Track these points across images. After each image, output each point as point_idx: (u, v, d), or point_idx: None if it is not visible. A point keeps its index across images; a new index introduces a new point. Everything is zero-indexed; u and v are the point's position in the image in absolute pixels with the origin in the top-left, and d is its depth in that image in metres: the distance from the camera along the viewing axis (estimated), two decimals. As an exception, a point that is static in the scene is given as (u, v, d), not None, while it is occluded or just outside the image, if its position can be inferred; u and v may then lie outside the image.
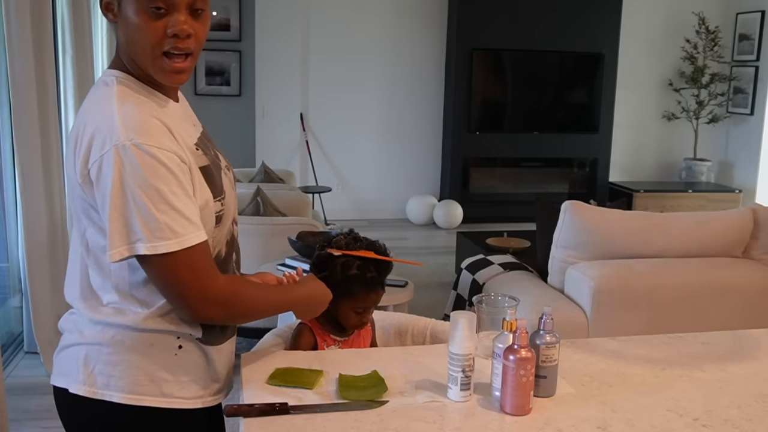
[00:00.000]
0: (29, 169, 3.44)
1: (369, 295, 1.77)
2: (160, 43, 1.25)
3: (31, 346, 3.65)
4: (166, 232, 1.22)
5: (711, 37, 7.38)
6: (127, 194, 1.20)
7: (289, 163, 6.95)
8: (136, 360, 1.33)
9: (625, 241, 2.98)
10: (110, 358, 1.33)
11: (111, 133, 1.21)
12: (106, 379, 1.33)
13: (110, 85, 1.30)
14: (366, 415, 1.39)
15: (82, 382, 1.34)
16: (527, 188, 7.43)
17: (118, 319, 1.32)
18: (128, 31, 1.27)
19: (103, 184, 1.22)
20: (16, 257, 3.81)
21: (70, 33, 4.06)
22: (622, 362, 1.69)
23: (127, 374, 1.33)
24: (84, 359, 1.34)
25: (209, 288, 1.28)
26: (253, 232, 3.66)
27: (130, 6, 1.24)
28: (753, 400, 1.51)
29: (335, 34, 7.04)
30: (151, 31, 1.24)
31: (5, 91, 3.49)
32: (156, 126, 1.25)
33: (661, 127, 7.81)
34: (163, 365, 1.35)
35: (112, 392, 1.33)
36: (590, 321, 2.84)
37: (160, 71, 1.28)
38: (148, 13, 1.24)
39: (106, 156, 1.21)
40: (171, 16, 1.25)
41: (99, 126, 1.24)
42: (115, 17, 1.28)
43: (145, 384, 1.34)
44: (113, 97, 1.27)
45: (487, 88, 7.21)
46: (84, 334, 1.35)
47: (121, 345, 1.33)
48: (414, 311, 2.48)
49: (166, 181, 1.22)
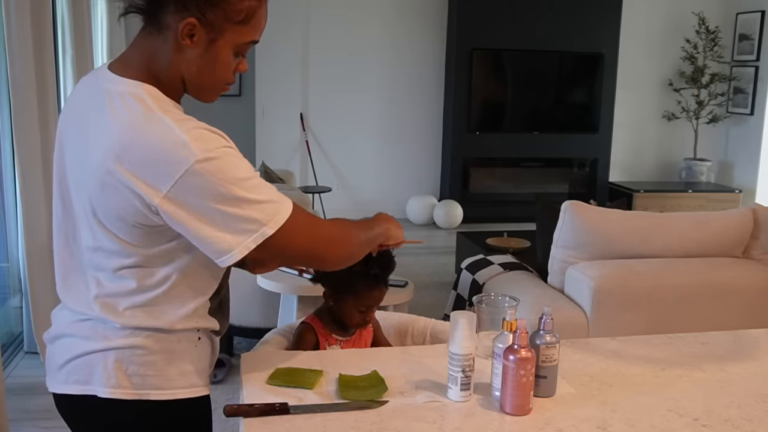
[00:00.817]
0: (29, 169, 3.44)
1: (372, 293, 1.79)
2: (229, 78, 1.35)
3: (31, 346, 3.65)
4: (274, 206, 1.28)
5: (711, 37, 7.38)
6: (226, 198, 1.23)
7: (289, 163, 6.95)
8: (168, 357, 1.37)
9: (625, 241, 2.98)
10: (143, 359, 1.34)
11: (178, 153, 1.21)
12: (141, 380, 1.35)
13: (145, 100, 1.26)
14: (366, 415, 1.39)
15: (114, 386, 1.34)
16: (527, 188, 7.43)
17: (151, 322, 1.34)
18: (209, 64, 1.30)
19: (191, 201, 1.22)
20: (16, 257, 3.80)
21: (70, 33, 4.06)
22: (622, 362, 1.69)
23: (161, 372, 1.36)
24: (114, 363, 1.34)
25: (327, 230, 1.40)
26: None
27: (225, 45, 1.29)
28: (753, 400, 1.51)
29: (335, 34, 7.04)
30: (230, 68, 1.33)
31: (5, 91, 3.49)
32: (214, 131, 1.28)
33: (661, 127, 7.81)
34: (188, 358, 1.40)
35: (149, 391, 1.35)
36: (590, 321, 2.84)
37: (215, 96, 1.38)
38: (235, 55, 1.32)
39: (187, 176, 1.20)
40: (243, 57, 1.35)
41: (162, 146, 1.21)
42: (192, 45, 1.27)
43: (176, 378, 1.38)
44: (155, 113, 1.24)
45: (487, 88, 7.21)
46: (111, 339, 1.34)
47: (154, 346, 1.35)
48: (414, 311, 2.49)
49: (247, 171, 1.27)
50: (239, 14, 1.26)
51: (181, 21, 1.24)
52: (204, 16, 1.24)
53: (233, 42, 1.29)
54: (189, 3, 1.23)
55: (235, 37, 1.29)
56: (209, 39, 1.27)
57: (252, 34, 1.31)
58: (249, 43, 1.32)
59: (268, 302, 3.53)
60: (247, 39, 1.30)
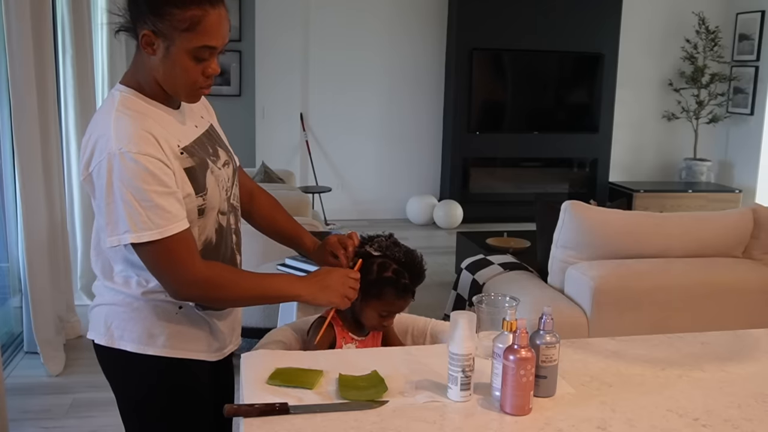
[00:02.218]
0: (29, 169, 3.44)
1: (397, 301, 1.80)
2: (198, 82, 1.51)
3: (31, 346, 3.65)
4: (149, 224, 1.44)
5: (711, 37, 7.38)
6: (116, 194, 1.43)
7: (289, 163, 6.95)
8: (142, 317, 1.59)
9: (625, 241, 2.98)
10: (123, 315, 1.60)
11: (107, 143, 1.45)
12: (121, 332, 1.60)
13: (114, 100, 1.52)
14: (366, 415, 1.39)
15: (103, 335, 1.62)
16: (527, 188, 7.43)
17: (125, 288, 1.59)
18: (171, 69, 1.48)
19: (98, 185, 1.46)
20: (16, 257, 3.80)
21: (70, 33, 4.06)
22: (622, 362, 1.69)
23: (136, 329, 1.59)
24: (105, 317, 1.62)
25: (188, 272, 1.50)
26: (253, 232, 3.63)
27: (179, 51, 1.46)
28: (753, 400, 1.51)
29: (335, 34, 7.04)
30: (194, 73, 1.49)
31: (5, 91, 3.49)
32: (143, 137, 1.46)
33: (661, 127, 7.81)
34: (165, 322, 1.60)
35: (126, 342, 1.60)
36: (590, 321, 2.84)
37: (193, 99, 1.57)
38: (193, 60, 1.47)
39: (102, 162, 1.44)
40: (208, 61, 1.50)
41: (99, 136, 1.47)
42: (153, 52, 1.47)
43: (153, 336, 1.60)
44: (113, 111, 1.49)
45: (487, 88, 7.21)
46: (104, 297, 1.63)
47: (130, 306, 1.59)
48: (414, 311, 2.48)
49: (149, 181, 1.44)
50: (184, 23, 1.43)
51: (141, 33, 1.46)
52: (156, 27, 1.45)
53: (185, 48, 1.45)
54: (145, 17, 1.45)
55: (186, 44, 1.45)
56: (165, 47, 1.46)
57: (203, 39, 1.45)
58: (203, 48, 1.46)
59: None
60: (199, 44, 1.45)
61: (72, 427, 2.98)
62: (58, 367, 3.54)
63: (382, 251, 1.80)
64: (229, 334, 1.75)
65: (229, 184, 1.67)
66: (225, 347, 1.74)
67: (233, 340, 1.78)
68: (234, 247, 1.71)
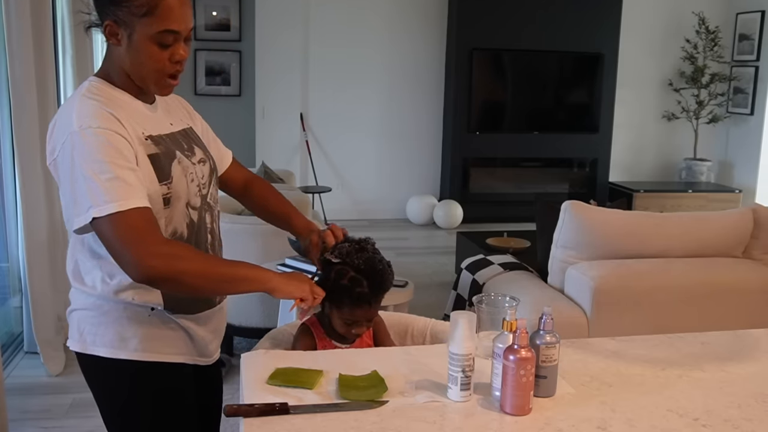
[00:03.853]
0: (29, 169, 3.44)
1: (355, 310, 1.74)
2: (165, 68, 1.49)
3: (31, 346, 3.65)
4: (110, 195, 1.39)
5: (711, 37, 7.38)
6: (77, 171, 1.41)
7: (289, 163, 6.95)
8: (112, 321, 1.56)
9: (625, 241, 2.98)
10: (93, 320, 1.57)
11: (69, 124, 1.43)
12: (93, 338, 1.57)
13: (82, 88, 1.51)
14: (366, 415, 1.39)
15: (77, 341, 1.60)
16: (527, 188, 7.43)
17: (92, 291, 1.55)
18: (137, 57, 1.48)
19: (62, 167, 1.44)
20: (16, 257, 3.80)
21: (70, 33, 4.06)
22: (622, 362, 1.69)
23: (107, 333, 1.56)
24: (77, 322, 1.60)
25: (149, 246, 1.41)
26: (253, 232, 3.66)
27: (142, 38, 1.45)
28: (753, 400, 1.51)
29: (335, 34, 7.04)
30: (160, 59, 1.48)
31: (5, 91, 3.49)
32: (105, 115, 1.45)
33: (661, 127, 7.81)
34: (137, 325, 1.56)
35: (98, 347, 1.57)
36: (590, 321, 2.84)
37: (162, 88, 1.54)
38: (157, 45, 1.46)
39: (65, 143, 1.42)
40: (174, 47, 1.48)
41: (61, 120, 1.47)
42: (118, 42, 1.47)
43: (125, 340, 1.56)
44: (77, 97, 1.48)
45: (487, 88, 7.21)
46: (76, 301, 1.60)
47: (100, 309, 1.56)
48: (414, 311, 2.48)
49: (110, 154, 1.41)
50: (141, 8, 1.43)
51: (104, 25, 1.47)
52: (116, 16, 1.45)
53: (147, 34, 1.45)
54: (106, 9, 1.46)
55: (146, 29, 1.44)
56: (127, 35, 1.46)
57: (162, 24, 1.44)
58: (165, 33, 1.45)
59: (268, 302, 3.53)
60: (160, 29, 1.44)
61: (72, 427, 2.99)
62: (58, 367, 3.54)
63: (342, 258, 1.72)
64: (211, 341, 1.70)
65: (203, 181, 1.63)
66: (207, 353, 1.69)
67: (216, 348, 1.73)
68: (209, 247, 1.66)
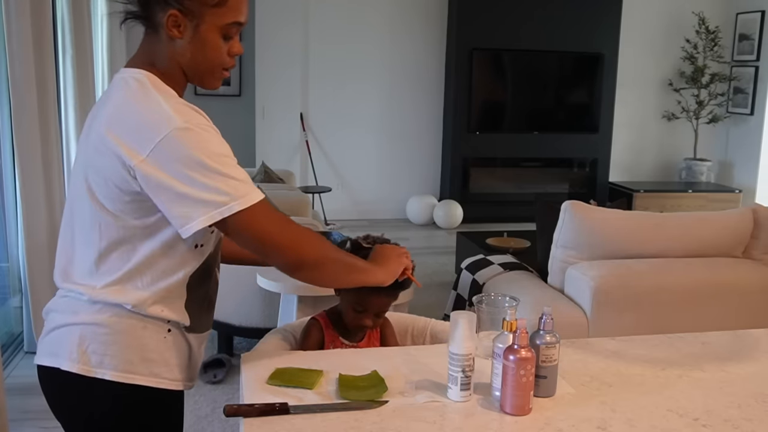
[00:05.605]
0: (29, 169, 3.44)
1: (370, 297, 1.75)
2: (225, 62, 1.44)
3: (31, 346, 3.65)
4: (248, 186, 1.34)
5: (711, 37, 7.38)
6: (197, 168, 1.30)
7: (289, 163, 6.95)
8: (129, 340, 1.41)
9: (625, 241, 2.98)
10: (105, 338, 1.40)
11: (168, 120, 1.31)
12: (100, 358, 1.40)
13: (143, 82, 1.38)
14: (366, 415, 1.39)
15: (75, 361, 1.40)
16: (527, 188, 7.43)
17: (118, 298, 1.39)
18: (201, 49, 1.40)
19: (168, 166, 1.30)
20: (16, 257, 3.80)
21: (70, 33, 4.06)
22: (622, 362, 1.69)
23: (120, 354, 1.40)
24: (78, 338, 1.40)
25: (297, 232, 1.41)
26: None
27: (210, 29, 1.38)
28: (753, 400, 1.51)
29: (335, 34, 7.04)
30: (223, 51, 1.42)
31: (5, 91, 3.49)
32: (201, 113, 1.38)
33: (661, 127, 7.81)
34: (153, 347, 1.43)
35: (105, 370, 1.39)
36: (590, 321, 2.84)
37: (216, 81, 1.46)
38: (223, 37, 1.41)
39: (165, 140, 1.30)
40: (233, 40, 1.44)
41: (148, 116, 1.33)
42: (180, 34, 1.38)
43: (136, 363, 1.42)
44: (151, 91, 1.36)
45: (487, 88, 7.21)
46: (79, 314, 1.41)
47: (116, 326, 1.40)
48: (414, 311, 2.48)
49: (228, 149, 1.36)
50: None
51: (166, 15, 1.36)
52: (183, 5, 1.36)
53: (215, 25, 1.38)
54: None
55: (215, 20, 1.38)
56: (193, 26, 1.38)
57: (232, 15, 1.39)
58: (233, 25, 1.40)
59: (268, 302, 3.53)
60: (229, 20, 1.39)
61: (72, 427, 2.99)
62: (58, 367, 3.53)
63: (371, 244, 1.75)
64: (196, 366, 1.58)
65: None
66: (195, 376, 1.59)
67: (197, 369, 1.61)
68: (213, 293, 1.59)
